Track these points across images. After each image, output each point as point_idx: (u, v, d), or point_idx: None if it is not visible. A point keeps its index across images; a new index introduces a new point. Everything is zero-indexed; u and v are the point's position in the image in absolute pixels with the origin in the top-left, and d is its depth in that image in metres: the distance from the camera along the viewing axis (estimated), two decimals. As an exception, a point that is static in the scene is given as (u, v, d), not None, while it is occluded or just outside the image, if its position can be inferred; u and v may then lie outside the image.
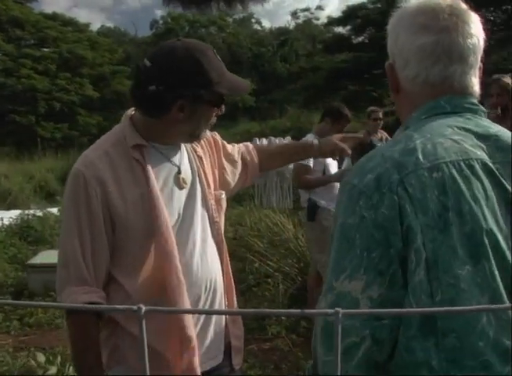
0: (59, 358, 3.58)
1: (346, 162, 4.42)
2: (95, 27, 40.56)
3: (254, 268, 5.30)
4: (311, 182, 4.29)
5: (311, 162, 4.18)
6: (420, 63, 1.13)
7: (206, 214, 1.76)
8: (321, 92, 20.53)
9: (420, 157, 1.01)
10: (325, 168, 4.29)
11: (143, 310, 0.59)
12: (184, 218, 1.68)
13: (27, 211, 8.31)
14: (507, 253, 0.99)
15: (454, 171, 1.00)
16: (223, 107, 1.67)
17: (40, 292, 5.18)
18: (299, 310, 0.60)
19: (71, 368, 3.48)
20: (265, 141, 7.18)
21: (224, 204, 1.89)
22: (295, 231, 5.17)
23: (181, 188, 1.68)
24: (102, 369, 1.57)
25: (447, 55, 1.12)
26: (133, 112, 1.69)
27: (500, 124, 1.17)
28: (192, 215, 1.71)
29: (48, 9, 48.05)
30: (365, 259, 0.99)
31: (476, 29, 1.14)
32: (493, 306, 0.96)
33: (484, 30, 1.17)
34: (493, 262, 0.97)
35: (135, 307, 0.59)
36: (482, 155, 1.05)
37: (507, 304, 0.96)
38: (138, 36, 38.85)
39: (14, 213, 8.31)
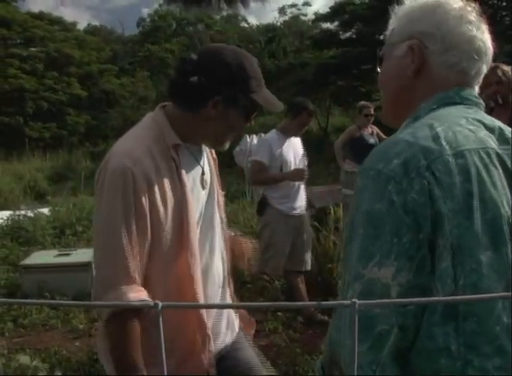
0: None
1: (301, 161, 4.41)
2: (81, 25, 40.22)
3: (249, 264, 5.29)
4: (265, 180, 4.31)
5: (265, 159, 4.19)
6: (465, 52, 1.16)
7: (218, 213, 1.84)
8: (309, 88, 20.49)
9: (444, 143, 1.03)
10: (282, 165, 4.28)
11: (160, 306, 0.59)
12: (205, 218, 1.74)
13: (17, 212, 8.25)
14: None
15: (476, 159, 1.03)
16: (252, 120, 1.74)
17: (33, 293, 5.14)
18: (315, 302, 0.61)
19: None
20: (255, 138, 7.18)
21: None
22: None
23: (204, 188, 1.75)
24: (143, 367, 1.55)
25: (484, 53, 1.18)
26: (165, 107, 1.72)
27: (500, 114, 1.20)
28: (212, 214, 1.79)
29: (35, 8, 47.78)
30: (396, 245, 0.98)
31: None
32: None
33: None
34: (509, 248, 1.01)
35: (151, 303, 0.60)
36: (494, 145, 1.09)
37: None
38: (125, 34, 38.66)
39: (4, 214, 8.23)
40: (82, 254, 5.67)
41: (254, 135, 11.14)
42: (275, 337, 4.04)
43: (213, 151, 1.91)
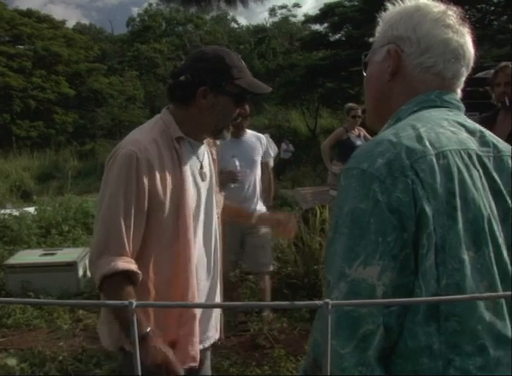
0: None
1: (233, 163, 4.26)
2: (70, 23, 40.03)
3: (235, 265, 5.29)
4: None
5: None
6: (441, 55, 1.17)
7: (215, 208, 2.03)
8: (298, 90, 20.54)
9: (427, 144, 1.04)
10: (221, 168, 4.21)
11: (134, 305, 0.59)
12: (206, 209, 1.95)
13: (3, 211, 8.16)
14: (500, 240, 1.04)
15: (457, 159, 1.04)
16: (247, 108, 1.89)
17: (18, 292, 5.12)
18: (288, 302, 0.61)
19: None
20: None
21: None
22: (275, 228, 5.16)
23: (203, 180, 1.94)
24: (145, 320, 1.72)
25: (462, 55, 1.19)
26: (169, 108, 1.92)
27: (507, 116, 1.23)
28: (211, 207, 1.99)
29: (23, 6, 47.37)
30: (381, 244, 0.98)
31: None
32: (494, 294, 1.01)
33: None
34: (491, 248, 1.02)
35: (126, 302, 0.60)
36: (475, 147, 1.10)
37: (508, 292, 1.00)
38: (114, 33, 38.52)
39: (-11, 213, 8.17)
40: (67, 254, 5.65)
41: (242, 137, 11.19)
42: (259, 338, 4.04)
43: (214, 153, 2.08)
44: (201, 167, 1.93)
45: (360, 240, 1.00)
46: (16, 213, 8.05)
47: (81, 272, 5.46)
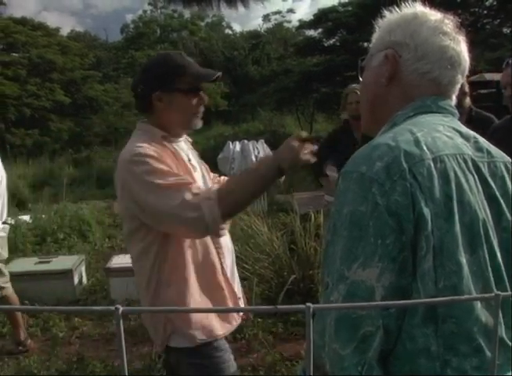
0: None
1: None
2: (65, 31, 40.09)
3: (230, 271, 5.29)
4: None
5: None
6: (437, 61, 1.19)
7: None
8: (293, 95, 20.59)
9: (425, 148, 1.06)
10: None
11: (120, 310, 0.60)
12: None
13: (-2, 219, 8.15)
14: (494, 243, 1.06)
15: (454, 164, 1.06)
16: (203, 96, 2.04)
17: (14, 300, 5.10)
18: (272, 306, 0.62)
19: None
20: (238, 145, 7.21)
21: None
22: (270, 234, 5.17)
23: (195, 171, 2.08)
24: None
25: (458, 63, 1.21)
26: (142, 119, 2.10)
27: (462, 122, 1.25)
28: None
29: (17, 14, 47.20)
30: (380, 246, 0.99)
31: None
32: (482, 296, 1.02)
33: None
34: (486, 251, 1.04)
35: (112, 307, 0.61)
36: (470, 152, 1.13)
37: (492, 293, 1.03)
38: (108, 41, 38.56)
39: (-15, 221, 8.14)
40: (63, 262, 5.65)
41: (237, 142, 11.14)
42: (255, 343, 4.04)
43: (195, 148, 2.25)
44: (189, 159, 2.09)
45: (359, 243, 1.01)
46: (11, 221, 8.03)
47: (76, 280, 5.46)
